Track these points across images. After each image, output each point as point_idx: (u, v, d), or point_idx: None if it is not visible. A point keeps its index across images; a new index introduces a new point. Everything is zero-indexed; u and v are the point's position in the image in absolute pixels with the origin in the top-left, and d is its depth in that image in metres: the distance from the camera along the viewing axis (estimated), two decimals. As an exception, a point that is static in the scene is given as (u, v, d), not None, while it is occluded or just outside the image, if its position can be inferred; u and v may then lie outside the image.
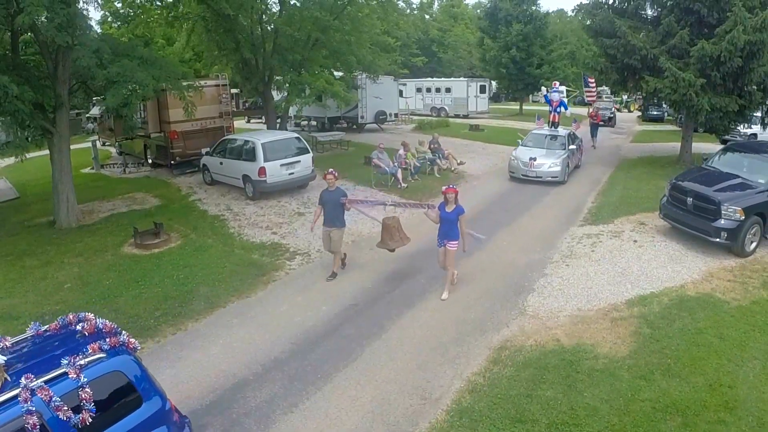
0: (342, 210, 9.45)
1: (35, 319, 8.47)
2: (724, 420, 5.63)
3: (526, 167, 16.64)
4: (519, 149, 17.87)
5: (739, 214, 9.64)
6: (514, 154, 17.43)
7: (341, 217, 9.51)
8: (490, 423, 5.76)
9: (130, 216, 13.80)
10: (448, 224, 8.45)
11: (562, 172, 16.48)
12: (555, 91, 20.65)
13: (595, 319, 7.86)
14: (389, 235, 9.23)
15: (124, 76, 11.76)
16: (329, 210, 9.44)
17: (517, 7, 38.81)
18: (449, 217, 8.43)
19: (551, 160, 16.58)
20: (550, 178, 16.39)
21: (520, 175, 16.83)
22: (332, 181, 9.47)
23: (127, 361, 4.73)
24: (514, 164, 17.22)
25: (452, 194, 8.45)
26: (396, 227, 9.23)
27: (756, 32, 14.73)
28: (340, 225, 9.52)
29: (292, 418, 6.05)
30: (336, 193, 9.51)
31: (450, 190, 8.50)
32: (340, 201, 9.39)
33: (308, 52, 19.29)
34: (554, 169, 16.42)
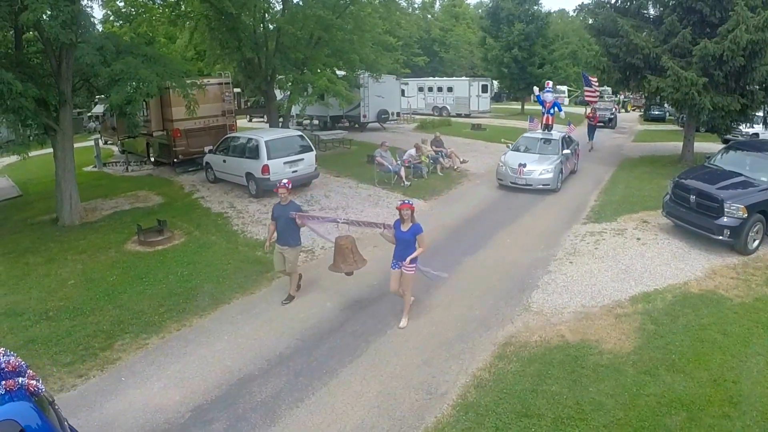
0: (296, 227, 8.52)
1: (40, 315, 8.56)
2: (729, 415, 5.65)
3: (514, 174, 15.46)
4: (508, 154, 16.67)
5: (741, 211, 9.66)
6: (503, 160, 16.28)
7: (295, 235, 8.59)
8: (496, 417, 5.78)
9: (133, 214, 13.84)
10: (404, 245, 7.56)
11: (554, 179, 15.32)
12: (548, 91, 19.45)
13: (599, 316, 7.88)
14: (342, 257, 8.19)
15: (128, 73, 11.77)
16: (281, 226, 8.49)
17: (519, 7, 38.86)
18: (405, 236, 7.53)
19: (543, 166, 15.38)
20: (541, 185, 15.22)
21: (509, 183, 15.67)
22: (284, 194, 8.46)
23: (24, 409, 3.99)
24: (501, 171, 16.02)
25: (408, 211, 7.49)
26: (350, 248, 8.20)
27: (758, 31, 14.75)
28: (294, 243, 8.59)
29: (298, 413, 6.07)
30: (288, 208, 8.49)
31: (405, 206, 7.54)
32: (290, 217, 8.41)
33: (311, 51, 19.30)
34: (546, 176, 15.23)
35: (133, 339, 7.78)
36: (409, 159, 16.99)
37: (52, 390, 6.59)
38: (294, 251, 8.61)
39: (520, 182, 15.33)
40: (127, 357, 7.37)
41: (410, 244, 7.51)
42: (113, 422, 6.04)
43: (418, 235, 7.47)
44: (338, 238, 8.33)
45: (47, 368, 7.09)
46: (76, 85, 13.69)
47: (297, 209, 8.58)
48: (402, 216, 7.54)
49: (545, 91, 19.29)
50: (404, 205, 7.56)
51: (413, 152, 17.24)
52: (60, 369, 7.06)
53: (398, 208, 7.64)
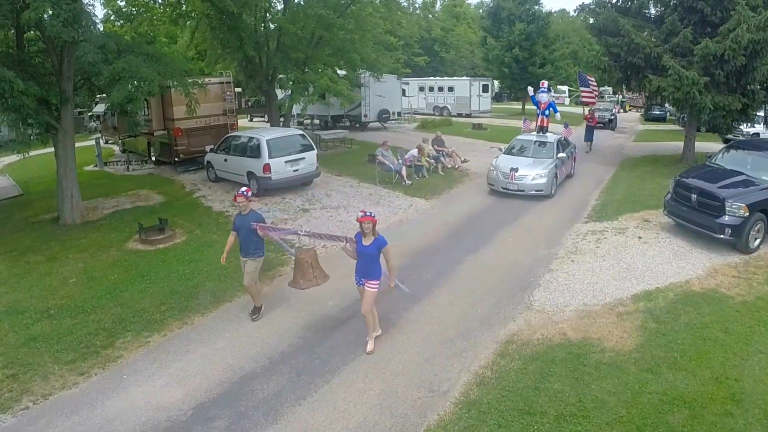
0: (258, 238, 7.97)
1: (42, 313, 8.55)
2: (731, 412, 5.65)
3: (506, 179, 14.65)
4: (500, 158, 15.83)
5: (743, 210, 9.65)
6: (494, 164, 15.41)
7: (258, 246, 8.07)
8: (499, 415, 5.78)
9: (135, 212, 13.84)
10: (367, 260, 6.95)
11: (548, 185, 14.51)
12: (543, 91, 18.65)
13: (601, 314, 7.88)
14: (301, 272, 7.74)
15: (130, 71, 11.78)
16: (243, 237, 7.98)
17: (520, 7, 38.91)
18: (367, 251, 6.91)
19: (536, 171, 14.59)
20: (534, 191, 14.43)
21: (500, 188, 14.87)
22: (244, 203, 7.90)
23: None
24: (492, 175, 15.16)
25: (369, 224, 6.82)
26: (310, 263, 7.73)
27: (759, 31, 14.78)
28: (256, 254, 8.06)
29: (300, 411, 6.06)
30: (249, 218, 7.93)
31: (366, 219, 6.83)
32: (251, 227, 7.86)
33: (312, 51, 19.32)
34: (539, 181, 14.43)
35: (134, 337, 7.77)
36: (411, 158, 16.99)
37: (53, 388, 6.62)
38: (255, 263, 8.07)
39: (511, 188, 14.65)
40: (129, 355, 7.37)
41: (374, 259, 6.92)
42: (115, 420, 6.04)
43: (383, 248, 6.90)
44: (299, 251, 7.95)
45: (49, 366, 7.10)
46: (78, 84, 13.69)
47: (258, 219, 8.03)
48: (363, 229, 6.89)
49: (540, 92, 18.63)
50: (365, 218, 6.86)
51: (415, 152, 17.24)
52: (61, 367, 7.06)
53: (359, 220, 6.95)
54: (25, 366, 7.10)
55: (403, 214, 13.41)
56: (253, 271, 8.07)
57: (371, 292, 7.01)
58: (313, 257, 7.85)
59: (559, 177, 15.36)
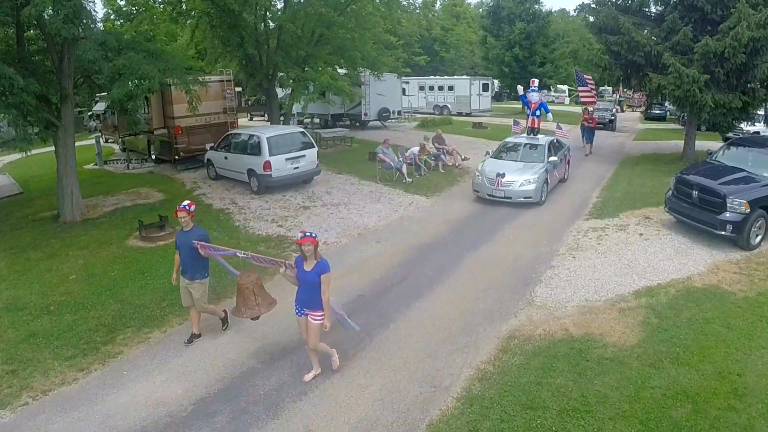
0: (202, 257, 7.21)
1: (42, 309, 8.52)
2: (734, 407, 5.63)
3: (491, 185, 13.67)
4: (487, 162, 14.75)
5: (744, 207, 9.63)
6: (480, 169, 14.41)
7: (202, 266, 7.30)
8: (501, 410, 5.75)
9: (135, 210, 13.81)
10: (309, 287, 6.07)
11: (537, 191, 13.47)
12: (533, 90, 17.40)
13: (603, 310, 7.86)
14: (243, 299, 6.97)
15: (130, 68, 11.77)
16: (185, 257, 7.19)
17: (520, 6, 38.94)
18: (308, 278, 6.04)
19: (524, 177, 13.56)
20: (522, 198, 13.44)
21: (485, 195, 13.88)
22: (185, 218, 7.11)
23: None
24: (478, 181, 14.14)
25: (310, 245, 5.93)
26: (252, 289, 6.95)
27: (760, 29, 14.76)
28: (201, 276, 7.30)
29: (301, 406, 6.04)
30: (191, 235, 7.12)
31: (306, 240, 5.92)
32: (192, 246, 7.08)
33: (312, 49, 19.29)
34: (527, 187, 13.41)
35: (134, 333, 7.76)
36: (411, 156, 16.97)
37: (53, 384, 6.60)
38: (201, 285, 7.33)
39: (497, 194, 13.64)
40: (129, 351, 7.35)
41: (316, 287, 6.03)
42: (115, 415, 6.01)
43: (324, 275, 6.00)
44: (240, 276, 7.13)
45: (48, 362, 7.08)
46: (78, 82, 13.67)
47: (202, 237, 7.22)
48: (303, 252, 6.01)
49: (530, 91, 17.42)
50: (305, 239, 5.94)
51: (416, 150, 17.22)
52: (61, 363, 7.05)
53: (298, 242, 6.06)
54: (25, 362, 7.08)
55: (403, 212, 13.39)
56: (202, 296, 7.37)
57: (315, 325, 6.17)
58: (255, 283, 7.04)
59: (550, 182, 14.45)
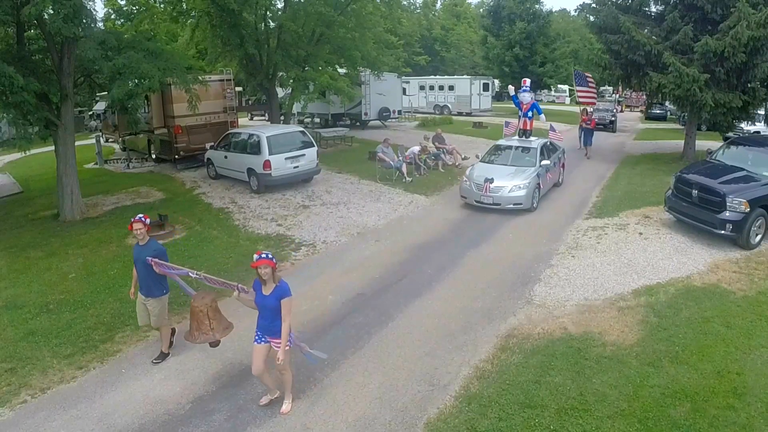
0: (157, 273, 6.68)
1: (41, 307, 8.52)
2: (733, 405, 5.62)
3: (480, 191, 12.99)
4: (476, 166, 14.13)
5: (744, 206, 9.61)
6: (467, 174, 13.82)
7: (159, 282, 6.82)
8: (499, 408, 5.75)
9: (135, 209, 13.75)
10: (269, 313, 5.59)
11: (527, 197, 12.76)
12: (525, 90, 16.44)
13: (602, 308, 7.85)
14: (196, 324, 6.44)
15: (130, 67, 11.78)
16: (141, 272, 6.75)
17: (521, 6, 38.94)
18: (267, 303, 5.54)
19: (513, 182, 12.86)
20: (511, 205, 12.72)
21: (473, 202, 13.21)
22: (140, 231, 6.64)
23: None
24: (465, 187, 13.46)
25: (267, 268, 5.40)
26: (206, 312, 6.40)
27: (760, 28, 14.75)
28: (158, 293, 6.83)
29: (299, 404, 6.03)
30: (146, 250, 6.67)
31: (262, 262, 5.36)
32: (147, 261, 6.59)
33: (312, 48, 19.31)
34: (517, 193, 12.69)
35: (133, 331, 7.76)
36: (411, 156, 16.96)
37: (51, 382, 6.60)
38: (158, 302, 6.88)
39: (485, 201, 12.93)
40: (128, 349, 7.35)
41: (276, 312, 5.54)
42: (113, 413, 6.01)
43: (284, 299, 5.50)
44: (194, 298, 6.59)
45: (47, 360, 7.08)
46: (78, 81, 13.67)
47: (158, 252, 6.73)
48: (260, 275, 5.47)
49: (522, 91, 16.45)
50: (260, 261, 5.37)
51: (416, 149, 17.21)
52: (60, 361, 7.05)
53: (253, 265, 5.46)
54: (24, 360, 7.09)
55: (403, 211, 13.39)
56: (160, 313, 6.92)
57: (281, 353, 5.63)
58: (208, 305, 6.50)
59: (542, 187, 13.71)
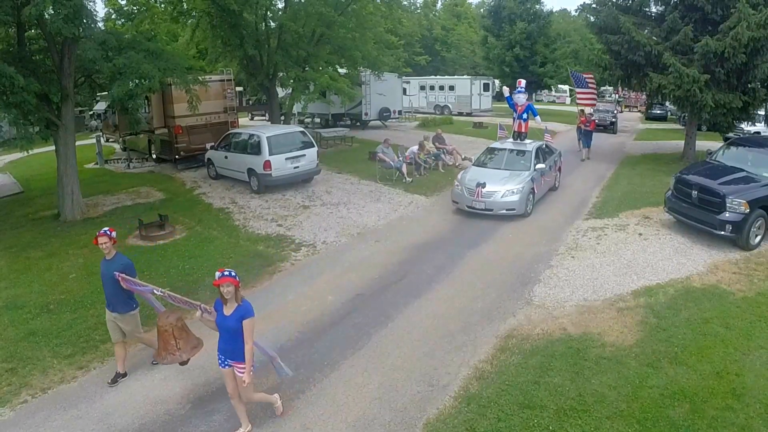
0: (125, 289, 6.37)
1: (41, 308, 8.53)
2: (732, 406, 5.63)
3: (471, 196, 12.53)
4: (469, 170, 13.70)
5: (743, 207, 9.62)
6: (459, 178, 13.31)
7: (127, 298, 6.50)
8: (498, 409, 5.76)
9: (135, 209, 13.84)
10: (230, 335, 5.25)
11: (521, 203, 12.31)
12: (519, 91, 15.92)
13: (601, 309, 7.86)
14: (163, 343, 6.14)
15: (131, 67, 11.79)
16: (107, 287, 6.46)
17: (521, 6, 38.95)
18: (228, 324, 5.22)
19: (507, 187, 12.38)
20: (504, 210, 12.28)
21: (465, 207, 12.75)
22: (106, 245, 6.26)
23: None
24: (457, 191, 13.00)
25: (230, 287, 5.08)
26: (170, 332, 6.07)
27: (760, 29, 14.75)
28: (126, 309, 6.54)
29: (299, 404, 6.05)
30: (113, 264, 6.33)
31: (224, 280, 5.05)
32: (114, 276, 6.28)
33: (313, 48, 19.32)
34: (510, 198, 12.23)
35: (134, 331, 7.76)
36: (411, 155, 16.97)
37: (52, 382, 6.61)
38: (129, 319, 6.60)
39: (477, 206, 12.46)
40: (129, 349, 7.32)
41: (238, 334, 5.21)
42: (113, 413, 6.03)
43: (246, 320, 5.17)
44: (159, 316, 6.26)
45: (48, 360, 7.10)
46: (78, 81, 13.68)
47: (125, 266, 6.39)
48: (222, 294, 5.15)
49: (516, 92, 15.96)
50: (223, 279, 5.05)
51: (416, 149, 17.22)
52: (61, 361, 7.07)
53: (215, 283, 5.11)
54: (25, 360, 7.10)
55: (403, 211, 13.40)
56: (134, 329, 6.71)
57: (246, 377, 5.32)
58: (174, 324, 6.15)
59: (537, 192, 13.25)
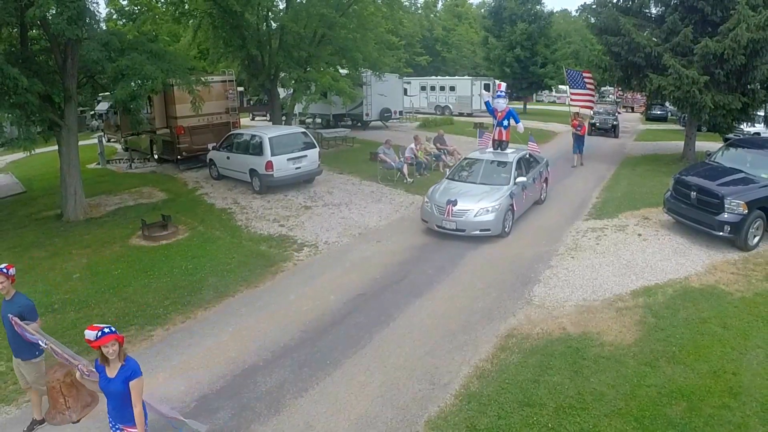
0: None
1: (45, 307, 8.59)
2: (729, 405, 5.71)
3: (441, 214, 11.19)
4: (441, 184, 12.31)
5: (742, 208, 9.70)
6: (429, 194, 11.94)
7: (28, 343, 5.56)
8: (499, 407, 5.85)
9: (138, 209, 13.91)
10: (117, 399, 4.42)
11: (497, 222, 10.94)
12: (500, 95, 13.97)
13: (600, 309, 7.95)
14: (53, 401, 5.63)
15: (134, 69, 11.86)
16: (7, 330, 5.65)
17: (522, 7, 39.00)
18: (113, 387, 4.36)
19: (481, 204, 11.03)
20: (478, 231, 10.91)
21: (434, 227, 11.37)
22: (3, 285, 5.48)
23: None
24: (427, 209, 11.60)
25: (114, 345, 4.24)
26: (58, 389, 5.45)
27: (759, 30, 14.82)
28: (29, 355, 5.74)
29: (302, 402, 6.13)
30: (11, 306, 5.56)
31: (106, 339, 4.18)
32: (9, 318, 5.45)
33: (314, 49, 19.39)
34: (484, 217, 10.88)
35: (138, 331, 7.85)
36: (410, 153, 17.03)
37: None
38: (31, 367, 5.81)
39: (448, 226, 11.12)
40: (132, 348, 7.41)
41: (125, 397, 4.39)
42: (119, 411, 6.10)
43: (133, 381, 4.35)
44: (47, 371, 5.71)
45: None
46: (81, 82, 13.76)
47: (24, 308, 5.56)
48: (103, 356, 4.29)
49: (496, 97, 14.02)
50: (105, 339, 4.18)
51: (413, 146, 17.28)
52: (66, 360, 7.14)
53: (94, 345, 4.21)
54: (30, 359, 7.17)
55: (404, 212, 13.48)
56: (36, 380, 5.88)
57: None
58: (62, 381, 5.56)
59: (517, 208, 11.84)
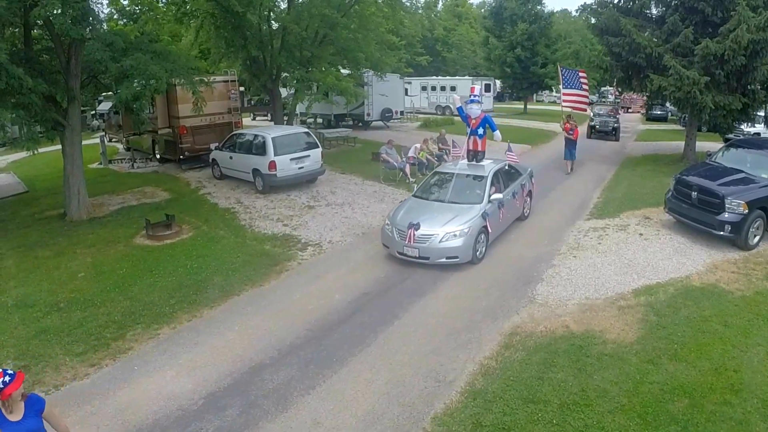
0: None
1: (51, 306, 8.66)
2: (730, 401, 5.78)
3: (402, 240, 9.78)
4: (405, 204, 10.94)
5: (742, 207, 9.76)
6: (390, 216, 10.57)
7: None
8: (503, 403, 5.92)
9: (141, 209, 13.96)
10: None
11: (466, 249, 9.58)
12: (473, 100, 12.06)
13: (602, 307, 8.02)
14: None
15: (138, 69, 11.91)
16: None
17: (522, 7, 39.07)
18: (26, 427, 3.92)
19: (447, 228, 9.64)
20: (444, 259, 9.56)
21: (396, 253, 10.01)
22: None
23: None
24: (387, 233, 10.25)
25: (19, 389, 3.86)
26: None
27: (759, 31, 14.89)
28: None
29: (309, 400, 6.19)
30: None
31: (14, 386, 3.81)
32: None
33: (316, 49, 19.46)
34: (451, 243, 9.51)
35: (144, 329, 7.90)
36: (414, 155, 17.09)
37: (64, 379, 6.75)
38: None
39: (410, 253, 9.72)
40: (139, 347, 7.49)
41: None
42: (127, 409, 6.16)
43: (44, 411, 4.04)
44: None
45: (60, 358, 7.21)
46: (84, 82, 13.81)
47: None
48: (10, 401, 3.87)
49: (469, 101, 12.18)
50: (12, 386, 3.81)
51: (418, 146, 17.34)
52: (73, 358, 7.18)
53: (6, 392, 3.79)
54: (37, 357, 7.21)
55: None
56: None
57: None
58: None
59: (492, 230, 10.43)
